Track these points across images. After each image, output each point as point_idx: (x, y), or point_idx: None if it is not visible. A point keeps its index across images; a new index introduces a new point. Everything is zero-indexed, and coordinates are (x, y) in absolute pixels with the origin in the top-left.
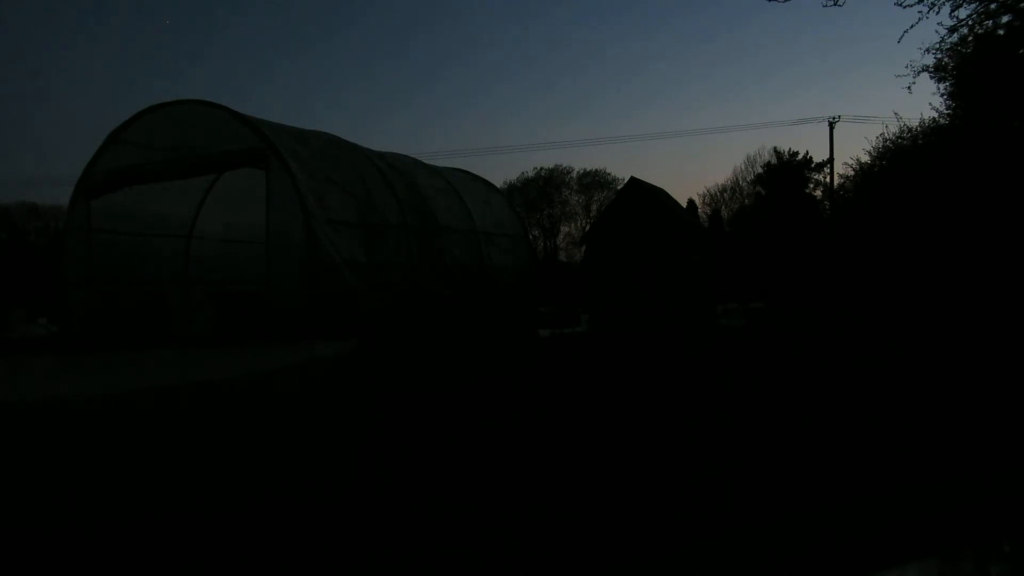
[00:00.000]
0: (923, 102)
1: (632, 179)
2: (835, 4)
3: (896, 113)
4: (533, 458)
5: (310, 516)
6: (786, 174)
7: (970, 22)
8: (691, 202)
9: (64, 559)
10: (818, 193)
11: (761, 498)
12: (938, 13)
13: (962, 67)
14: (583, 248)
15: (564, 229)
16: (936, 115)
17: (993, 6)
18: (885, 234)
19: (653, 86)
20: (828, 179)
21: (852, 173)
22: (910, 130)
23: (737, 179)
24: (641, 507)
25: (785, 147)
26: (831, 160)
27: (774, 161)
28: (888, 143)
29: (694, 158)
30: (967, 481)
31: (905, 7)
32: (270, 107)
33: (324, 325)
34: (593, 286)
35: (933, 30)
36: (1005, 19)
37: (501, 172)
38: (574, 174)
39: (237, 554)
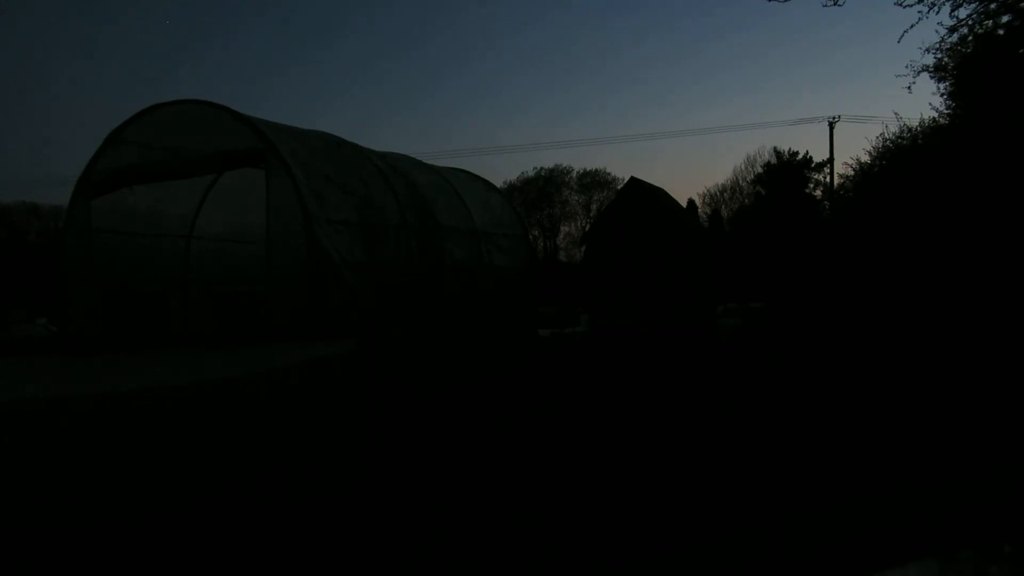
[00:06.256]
0: (923, 102)
1: (632, 179)
2: (835, 4)
3: (896, 113)
4: (534, 458)
5: (308, 517)
6: (786, 174)
7: (970, 22)
8: (691, 202)
9: (64, 559)
10: (818, 193)
11: (756, 499)
12: (938, 13)
13: (962, 67)
14: (583, 248)
15: (564, 229)
16: (936, 115)
17: (993, 6)
18: (885, 233)
19: (653, 86)
20: (828, 179)
21: (852, 173)
22: (910, 130)
23: (737, 179)
24: (641, 507)
25: (785, 147)
26: (831, 160)
27: (774, 161)
28: (888, 143)
29: (694, 158)
30: (967, 481)
31: (905, 7)
32: (270, 107)
33: (324, 325)
34: (593, 286)
35: (933, 30)
36: (1005, 19)
37: (501, 172)
38: (574, 174)
39: (233, 555)
